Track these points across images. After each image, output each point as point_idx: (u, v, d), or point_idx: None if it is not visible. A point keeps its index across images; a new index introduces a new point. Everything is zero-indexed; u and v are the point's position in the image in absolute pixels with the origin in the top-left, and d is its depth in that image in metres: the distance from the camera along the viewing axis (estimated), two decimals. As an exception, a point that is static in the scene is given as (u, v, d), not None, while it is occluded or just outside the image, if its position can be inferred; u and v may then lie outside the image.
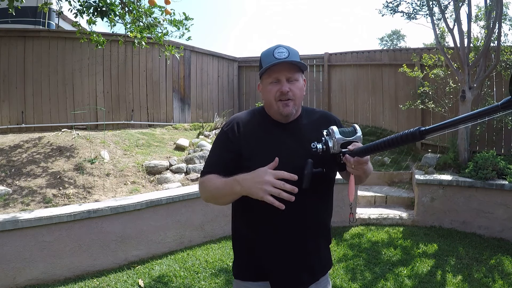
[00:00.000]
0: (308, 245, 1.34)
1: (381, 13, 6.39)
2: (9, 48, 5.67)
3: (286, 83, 1.29)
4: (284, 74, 1.29)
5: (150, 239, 3.72)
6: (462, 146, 5.23)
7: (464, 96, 5.09)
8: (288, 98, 1.30)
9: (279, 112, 1.31)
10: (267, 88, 1.32)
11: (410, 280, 3.25)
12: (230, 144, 1.32)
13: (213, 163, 1.34)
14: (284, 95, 1.29)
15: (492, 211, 4.33)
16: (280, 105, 1.30)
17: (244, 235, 1.38)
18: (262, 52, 1.34)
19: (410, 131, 0.97)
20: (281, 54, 1.27)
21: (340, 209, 4.63)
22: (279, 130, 1.35)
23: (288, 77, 1.30)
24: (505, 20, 5.36)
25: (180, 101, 7.58)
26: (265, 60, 1.30)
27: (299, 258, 1.32)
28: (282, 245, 1.31)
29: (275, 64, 1.27)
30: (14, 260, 3.02)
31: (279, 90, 1.29)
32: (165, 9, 5.11)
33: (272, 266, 1.31)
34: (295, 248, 1.32)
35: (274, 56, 1.28)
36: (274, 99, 1.30)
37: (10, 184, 3.90)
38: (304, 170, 1.21)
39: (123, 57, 6.62)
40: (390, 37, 34.66)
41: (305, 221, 1.31)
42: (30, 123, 5.79)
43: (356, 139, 1.21)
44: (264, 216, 1.29)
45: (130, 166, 4.70)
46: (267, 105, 1.36)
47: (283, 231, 1.30)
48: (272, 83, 1.31)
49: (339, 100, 8.36)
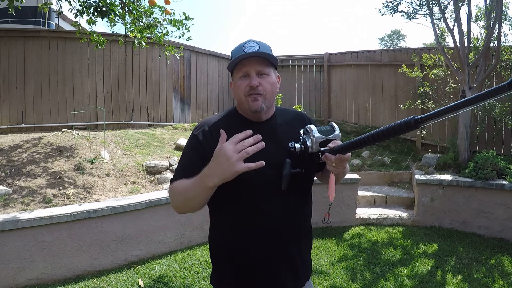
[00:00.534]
0: (291, 248, 1.27)
1: (381, 13, 6.40)
2: (9, 48, 5.66)
3: (255, 77, 1.23)
4: (254, 68, 1.22)
5: (150, 239, 3.72)
6: (462, 146, 5.23)
7: (464, 96, 5.09)
8: (258, 93, 1.23)
9: (249, 108, 1.24)
10: (237, 84, 1.25)
11: (410, 280, 3.25)
12: (201, 148, 1.25)
13: (182, 169, 1.25)
14: (253, 89, 1.22)
15: (492, 211, 4.33)
16: (250, 100, 1.23)
17: (223, 243, 1.30)
18: (234, 47, 1.28)
19: (404, 120, 0.92)
20: (250, 48, 1.21)
21: (340, 209, 4.63)
22: (254, 130, 1.24)
23: (258, 71, 1.23)
24: (505, 20, 5.36)
25: (180, 101, 7.58)
26: (235, 55, 1.24)
27: (282, 262, 1.26)
28: (264, 249, 1.24)
29: (244, 58, 1.21)
30: (14, 260, 3.01)
31: (248, 84, 1.22)
32: (165, 9, 5.12)
33: (254, 272, 1.25)
34: (278, 252, 1.25)
35: (244, 50, 1.22)
36: (244, 94, 1.23)
37: (10, 184, 3.90)
38: (283, 170, 1.17)
39: (123, 57, 6.62)
40: (390, 37, 34.66)
41: (286, 222, 1.25)
42: (30, 123, 5.79)
43: (334, 137, 1.18)
44: (243, 220, 1.24)
45: (130, 166, 4.70)
46: (238, 102, 1.30)
47: (264, 235, 1.23)
48: (241, 77, 1.24)
49: (339, 100, 8.36)
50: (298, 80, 8.77)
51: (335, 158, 1.13)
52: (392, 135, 0.97)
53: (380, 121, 7.46)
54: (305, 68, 8.71)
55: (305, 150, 1.18)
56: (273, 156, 1.19)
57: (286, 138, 1.27)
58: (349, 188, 4.65)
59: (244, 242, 1.24)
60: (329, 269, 3.45)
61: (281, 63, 8.87)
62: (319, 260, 3.64)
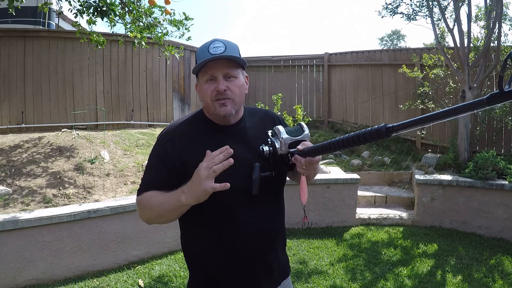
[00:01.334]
0: (267, 253, 1.24)
1: (381, 15, 6.39)
2: (9, 48, 5.67)
3: (223, 80, 1.16)
4: (221, 70, 1.15)
5: (150, 239, 3.72)
6: (462, 146, 5.23)
7: (464, 96, 5.09)
8: (226, 97, 1.16)
9: (217, 113, 1.18)
10: (203, 88, 1.18)
11: (410, 280, 3.25)
12: (167, 160, 1.18)
13: (150, 180, 1.19)
14: (221, 94, 1.15)
15: (492, 211, 4.33)
16: (217, 105, 1.16)
17: (196, 253, 1.26)
18: (198, 48, 1.20)
19: (375, 127, 0.91)
20: (216, 49, 1.14)
21: (340, 209, 4.63)
22: (222, 135, 1.22)
23: (225, 74, 1.16)
24: (505, 20, 5.36)
25: (180, 101, 7.58)
26: (200, 57, 1.16)
27: (257, 268, 1.22)
28: (240, 256, 1.20)
29: (210, 61, 1.13)
30: (14, 260, 3.01)
31: (215, 89, 1.15)
32: (165, 9, 5.11)
33: (229, 281, 1.21)
34: (254, 258, 1.21)
35: (209, 51, 1.14)
36: (211, 99, 1.16)
37: (10, 184, 3.90)
38: (252, 175, 1.12)
39: (123, 57, 6.62)
40: (390, 37, 34.68)
41: (261, 228, 1.21)
42: (30, 123, 5.79)
43: (304, 138, 1.14)
44: (217, 227, 1.19)
45: (130, 166, 4.70)
46: (205, 106, 1.23)
47: (239, 242, 1.19)
48: (208, 81, 1.17)
49: (339, 100, 8.36)
50: (298, 80, 8.77)
51: (305, 161, 1.10)
52: (363, 141, 0.96)
53: (380, 121, 7.45)
54: (305, 68, 8.71)
55: (274, 153, 1.14)
56: (245, 161, 1.15)
57: (256, 140, 1.21)
58: (349, 188, 4.65)
59: (216, 252, 1.21)
60: (329, 269, 3.45)
61: (281, 63, 8.87)
62: (319, 260, 3.64)
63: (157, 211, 1.15)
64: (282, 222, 1.33)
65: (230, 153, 1.07)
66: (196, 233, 1.25)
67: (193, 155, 1.15)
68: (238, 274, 1.21)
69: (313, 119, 8.27)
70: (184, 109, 7.66)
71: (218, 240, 1.20)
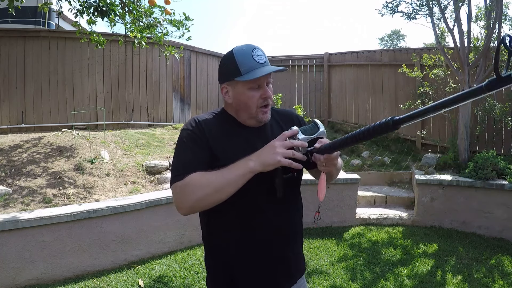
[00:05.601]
0: (286, 251, 1.29)
1: (381, 13, 6.40)
2: (9, 48, 5.66)
3: (267, 89, 1.21)
4: (266, 79, 1.21)
5: (150, 239, 3.72)
6: (462, 146, 5.23)
7: (464, 96, 5.08)
8: (268, 104, 1.23)
9: (258, 119, 1.23)
10: (248, 94, 1.20)
11: (410, 280, 3.25)
12: (200, 141, 1.19)
13: (189, 163, 1.16)
14: (266, 100, 1.22)
15: (492, 211, 4.33)
16: (260, 112, 1.22)
17: (219, 248, 1.28)
18: (236, 51, 1.20)
19: (383, 121, 0.96)
20: (260, 58, 1.18)
21: (340, 209, 4.63)
22: (248, 133, 1.26)
23: (268, 81, 1.23)
24: (505, 20, 5.37)
25: (180, 101, 7.58)
26: (244, 63, 1.17)
27: (277, 266, 1.27)
28: (259, 254, 1.24)
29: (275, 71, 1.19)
30: (14, 260, 3.01)
31: (262, 96, 1.20)
32: (165, 9, 5.12)
33: (249, 277, 1.25)
34: (273, 256, 1.26)
35: (255, 59, 1.17)
36: (257, 106, 1.21)
37: (10, 184, 3.90)
38: (275, 178, 1.15)
39: (123, 57, 6.62)
40: (390, 37, 34.67)
41: (281, 227, 1.26)
42: (30, 123, 5.79)
43: (320, 135, 1.17)
44: (239, 226, 1.23)
45: (130, 166, 4.70)
46: (240, 109, 1.24)
47: (260, 241, 1.23)
48: (252, 88, 1.19)
49: (339, 100, 8.36)
50: (298, 80, 8.77)
51: (324, 158, 1.14)
52: (373, 135, 1.01)
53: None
54: (305, 68, 8.71)
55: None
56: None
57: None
58: (349, 188, 4.65)
59: (239, 248, 1.24)
60: (329, 269, 3.45)
61: (281, 63, 8.86)
62: (319, 260, 3.64)
63: (215, 185, 1.10)
64: (300, 219, 1.38)
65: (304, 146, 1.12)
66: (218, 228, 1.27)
67: (219, 145, 1.19)
68: (258, 270, 1.25)
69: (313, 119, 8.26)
70: (184, 109, 7.66)
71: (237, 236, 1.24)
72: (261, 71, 1.16)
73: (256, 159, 1.09)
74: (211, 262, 1.31)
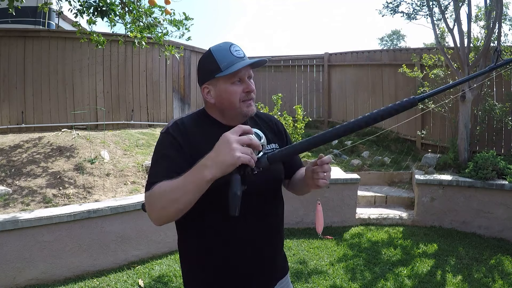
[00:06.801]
0: (264, 250, 1.25)
1: (381, 14, 6.40)
2: (9, 48, 5.67)
3: (249, 81, 1.20)
4: (247, 72, 1.20)
5: (150, 239, 3.72)
6: (462, 146, 5.23)
7: (464, 96, 5.09)
8: (251, 98, 1.21)
9: (242, 114, 1.20)
10: (230, 89, 1.17)
11: (410, 280, 3.25)
12: (178, 146, 1.14)
13: (163, 170, 1.10)
14: (249, 94, 1.20)
15: (492, 211, 4.33)
16: (244, 106, 1.19)
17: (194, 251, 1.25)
18: (214, 49, 1.19)
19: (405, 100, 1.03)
20: (239, 53, 1.17)
21: (340, 209, 4.63)
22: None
23: (249, 75, 1.21)
24: (505, 20, 5.36)
25: (180, 101, 7.58)
26: (223, 59, 1.16)
27: (254, 264, 1.23)
28: (235, 257, 1.21)
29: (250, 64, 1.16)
30: (14, 260, 3.01)
31: (244, 90, 1.18)
32: (165, 9, 5.12)
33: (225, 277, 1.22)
34: (250, 255, 1.22)
35: (233, 54, 1.16)
36: (239, 99, 1.18)
37: (10, 184, 3.90)
38: (230, 188, 0.95)
39: (123, 57, 6.62)
40: (390, 37, 34.68)
41: (259, 226, 1.23)
42: (30, 123, 5.79)
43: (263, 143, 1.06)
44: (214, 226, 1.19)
45: (130, 166, 4.69)
46: (224, 108, 1.21)
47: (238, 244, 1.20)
48: (234, 83, 1.17)
49: (339, 100, 8.36)
50: (298, 80, 8.77)
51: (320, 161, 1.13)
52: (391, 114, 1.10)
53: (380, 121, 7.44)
54: (305, 68, 8.71)
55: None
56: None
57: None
58: (349, 188, 4.64)
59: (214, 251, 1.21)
60: (329, 269, 3.45)
61: (281, 63, 8.86)
62: (319, 260, 3.64)
63: (170, 196, 1.01)
64: (280, 220, 1.34)
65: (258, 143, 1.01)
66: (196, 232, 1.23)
67: (200, 147, 1.10)
68: (235, 270, 1.21)
69: (313, 119, 8.27)
70: (184, 109, 7.66)
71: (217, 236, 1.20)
72: (241, 64, 1.15)
73: (212, 163, 0.95)
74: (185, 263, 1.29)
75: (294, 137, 6.12)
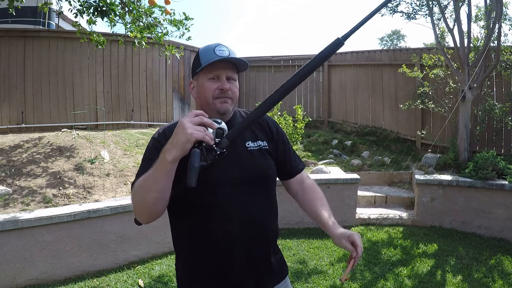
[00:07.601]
0: (251, 247, 1.24)
1: (381, 13, 6.39)
2: (9, 48, 5.67)
3: (226, 81, 1.23)
4: (225, 72, 1.23)
5: (150, 239, 3.72)
6: (462, 146, 5.23)
7: (464, 96, 5.09)
8: (227, 96, 1.23)
9: (216, 109, 1.23)
10: (205, 85, 1.23)
11: (410, 280, 3.25)
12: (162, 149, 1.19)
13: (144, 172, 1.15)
14: (224, 92, 1.22)
15: (492, 211, 4.33)
16: (217, 102, 1.22)
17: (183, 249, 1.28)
18: (200, 49, 1.27)
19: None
20: (222, 52, 1.21)
21: (340, 209, 4.63)
22: None
23: (229, 76, 1.24)
24: (505, 20, 5.36)
25: (180, 101, 7.58)
26: (205, 56, 1.22)
27: (244, 269, 1.22)
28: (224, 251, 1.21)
29: (217, 61, 1.20)
30: (14, 260, 3.01)
31: (218, 87, 1.22)
32: (165, 9, 5.12)
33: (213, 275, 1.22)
34: (239, 258, 1.21)
35: (215, 53, 1.21)
36: (212, 96, 1.22)
37: (10, 184, 3.90)
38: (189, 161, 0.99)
39: (123, 57, 6.62)
40: (390, 37, 34.68)
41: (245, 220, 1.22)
42: (30, 123, 5.79)
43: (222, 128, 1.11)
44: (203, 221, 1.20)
45: (130, 166, 4.70)
46: (202, 103, 1.26)
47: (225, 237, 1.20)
48: (210, 79, 1.23)
49: (339, 100, 8.36)
50: (298, 80, 8.76)
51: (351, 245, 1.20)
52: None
53: (380, 121, 7.46)
54: (305, 68, 8.70)
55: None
56: (235, 156, 1.21)
57: (244, 137, 1.28)
58: (349, 188, 4.65)
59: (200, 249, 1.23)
60: (329, 269, 3.45)
61: (281, 63, 8.87)
62: (319, 260, 3.65)
63: (145, 187, 1.09)
64: (269, 220, 1.31)
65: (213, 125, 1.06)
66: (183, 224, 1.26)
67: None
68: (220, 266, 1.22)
69: (313, 119, 8.27)
70: (184, 109, 7.66)
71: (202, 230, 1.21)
72: (216, 58, 1.20)
73: (170, 146, 1.02)
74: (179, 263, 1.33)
75: (294, 137, 6.12)
